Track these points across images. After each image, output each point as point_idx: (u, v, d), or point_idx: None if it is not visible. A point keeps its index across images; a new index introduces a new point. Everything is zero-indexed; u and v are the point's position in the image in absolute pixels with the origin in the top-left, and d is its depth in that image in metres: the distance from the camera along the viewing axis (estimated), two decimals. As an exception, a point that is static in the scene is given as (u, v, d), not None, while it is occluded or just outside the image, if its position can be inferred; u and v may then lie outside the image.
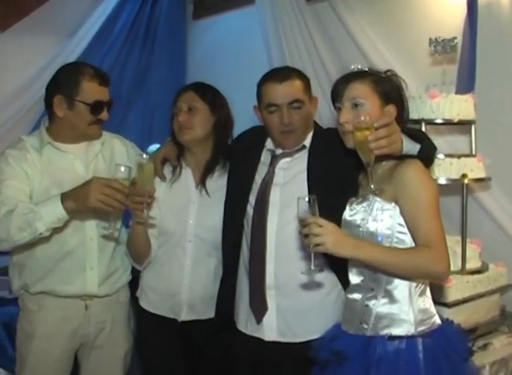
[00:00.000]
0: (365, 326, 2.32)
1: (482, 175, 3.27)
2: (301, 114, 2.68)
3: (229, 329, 2.86)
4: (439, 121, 3.19)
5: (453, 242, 3.22)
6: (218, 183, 2.97)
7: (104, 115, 2.93)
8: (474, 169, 3.20)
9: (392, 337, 2.26)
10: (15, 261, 3.02)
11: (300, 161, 2.74)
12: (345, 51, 4.08)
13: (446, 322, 2.42)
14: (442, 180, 3.16)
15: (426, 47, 3.34)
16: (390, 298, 2.29)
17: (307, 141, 2.74)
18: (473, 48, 3.38)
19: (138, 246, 2.94)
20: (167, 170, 3.05)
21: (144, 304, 3.09)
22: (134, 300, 3.17)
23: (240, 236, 2.82)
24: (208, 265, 2.97)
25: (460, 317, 2.96)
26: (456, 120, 3.20)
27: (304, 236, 2.15)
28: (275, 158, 2.78)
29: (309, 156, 2.71)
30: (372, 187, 2.28)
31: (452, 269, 2.89)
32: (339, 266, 2.49)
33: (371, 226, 2.28)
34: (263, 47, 4.85)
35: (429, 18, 3.62)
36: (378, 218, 2.27)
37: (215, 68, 5.21)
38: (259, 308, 2.71)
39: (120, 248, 3.08)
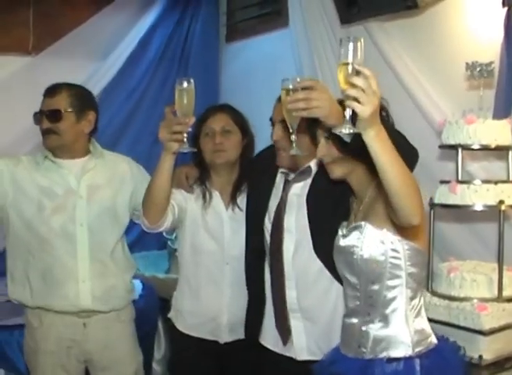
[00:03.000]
0: (364, 350, 2.35)
1: (519, 201, 3.23)
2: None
3: (258, 348, 2.88)
4: (475, 147, 3.17)
5: (489, 269, 3.19)
6: (244, 202, 3.03)
7: (43, 124, 3.04)
8: (511, 195, 3.17)
9: (390, 360, 2.29)
10: (9, 270, 3.14)
11: None
12: (379, 75, 4.05)
13: (441, 340, 2.45)
14: (479, 206, 3.13)
15: (463, 71, 3.33)
16: (386, 321, 2.32)
17: (313, 164, 2.72)
18: (510, 73, 3.35)
19: (159, 191, 2.77)
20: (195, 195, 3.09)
21: (180, 327, 3.12)
22: (165, 320, 3.21)
23: (261, 261, 2.85)
24: None
25: (497, 346, 2.94)
26: (493, 146, 3.18)
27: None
28: (287, 184, 2.79)
29: (312, 181, 2.72)
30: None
31: (488, 296, 3.03)
32: None
33: (365, 253, 2.30)
34: (295, 70, 4.83)
35: (466, 42, 3.61)
36: (372, 245, 2.29)
37: (247, 91, 5.25)
38: (283, 331, 2.76)
39: (119, 266, 3.17)
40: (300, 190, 2.76)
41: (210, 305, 3.05)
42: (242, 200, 3.05)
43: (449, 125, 3.22)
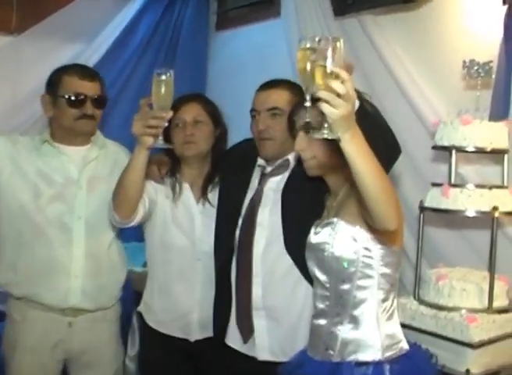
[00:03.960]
0: (331, 353, 2.29)
1: (515, 208, 3.09)
2: (280, 123, 2.65)
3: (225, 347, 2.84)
4: (470, 149, 3.03)
5: (480, 278, 3.07)
6: (216, 197, 2.96)
7: (87, 109, 2.93)
8: (505, 201, 3.04)
9: (359, 363, 2.23)
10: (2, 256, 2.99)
11: None
12: (371, 69, 3.93)
13: (413, 346, 2.40)
14: (471, 212, 3.00)
15: (459, 70, 3.21)
16: (356, 323, 2.27)
17: (292, 157, 2.70)
18: (509, 73, 3.22)
19: (131, 186, 2.67)
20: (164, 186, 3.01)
21: (151, 322, 3.04)
22: (140, 315, 3.14)
23: (230, 256, 2.79)
24: None
25: (485, 359, 2.82)
26: (488, 149, 3.05)
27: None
28: (264, 177, 2.76)
29: (289, 176, 2.69)
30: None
31: (478, 306, 2.91)
32: None
33: (336, 250, 2.26)
34: (287, 61, 4.64)
35: (463, 40, 3.47)
36: (343, 242, 2.25)
37: (236, 81, 5.11)
38: (245, 329, 2.74)
39: (112, 265, 3.10)
40: (276, 184, 2.73)
41: (181, 302, 2.97)
42: (214, 195, 2.97)
43: (444, 125, 3.09)
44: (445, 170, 3.19)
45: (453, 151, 3.06)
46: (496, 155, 3.20)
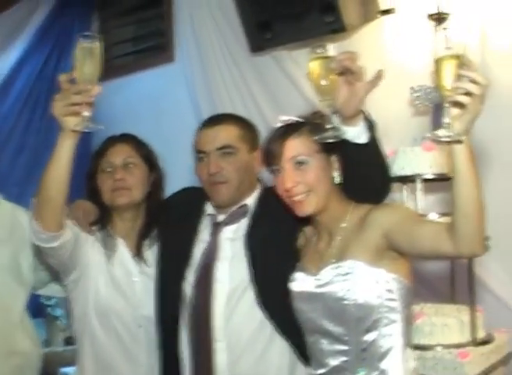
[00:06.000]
0: None
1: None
2: (234, 163, 2.36)
3: None
4: (436, 177, 2.87)
5: (453, 311, 2.94)
6: (155, 252, 2.60)
7: None
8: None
9: None
10: None
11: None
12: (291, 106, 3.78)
13: None
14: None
15: (408, 96, 3.10)
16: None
17: (251, 202, 2.42)
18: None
19: (55, 182, 2.21)
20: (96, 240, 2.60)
21: None
22: None
23: (177, 320, 2.43)
24: None
25: (482, 393, 2.70)
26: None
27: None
28: (217, 227, 2.43)
29: (250, 222, 2.39)
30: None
31: (462, 341, 2.76)
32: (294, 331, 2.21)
33: (360, 297, 2.00)
34: (187, 105, 4.57)
35: (408, 64, 3.37)
36: (366, 286, 2.00)
37: (129, 130, 4.75)
38: None
39: (30, 338, 2.74)
40: (233, 233, 2.41)
41: None
42: (151, 255, 2.60)
43: (403, 153, 2.91)
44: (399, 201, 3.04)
45: (418, 181, 2.89)
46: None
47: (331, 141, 1.91)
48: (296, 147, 2.06)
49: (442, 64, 1.65)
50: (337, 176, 2.06)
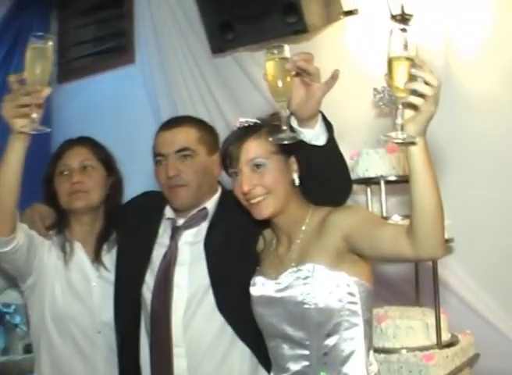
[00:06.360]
0: None
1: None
2: (193, 166, 2.33)
3: None
4: (400, 179, 2.87)
5: (418, 314, 2.96)
6: (113, 259, 2.55)
7: None
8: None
9: None
10: None
11: None
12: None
13: None
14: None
15: (371, 98, 3.08)
16: None
17: (210, 205, 2.38)
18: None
19: (5, 186, 2.15)
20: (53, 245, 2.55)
21: None
22: None
23: (137, 326, 2.40)
24: None
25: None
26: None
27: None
28: (176, 231, 2.39)
29: (209, 226, 2.36)
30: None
31: (427, 343, 2.77)
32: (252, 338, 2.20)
33: (321, 301, 1.95)
34: (147, 107, 4.52)
35: (363, 65, 3.41)
36: (327, 290, 1.96)
37: (89, 133, 4.66)
38: None
39: None
40: (193, 237, 2.37)
41: None
42: (110, 259, 2.55)
43: (366, 155, 2.90)
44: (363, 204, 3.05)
45: (382, 182, 2.88)
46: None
47: (287, 142, 1.85)
48: (253, 149, 2.02)
49: (395, 64, 1.61)
50: (296, 178, 2.02)
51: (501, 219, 3.20)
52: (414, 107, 1.60)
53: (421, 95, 1.57)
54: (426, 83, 1.56)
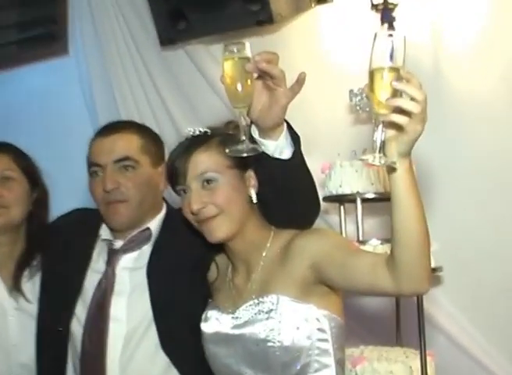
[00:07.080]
0: None
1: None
2: (134, 178, 2.35)
3: None
4: (379, 197, 2.90)
5: (399, 355, 3.03)
6: (36, 287, 2.55)
7: None
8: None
9: None
10: None
11: None
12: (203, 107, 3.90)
13: None
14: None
15: (346, 101, 3.11)
16: None
17: (154, 225, 2.41)
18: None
19: None
20: None
21: None
22: None
23: (63, 368, 2.39)
24: None
25: None
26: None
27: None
28: (114, 255, 2.41)
29: (153, 249, 2.38)
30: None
31: None
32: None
33: (286, 338, 1.96)
34: (81, 103, 4.58)
35: (335, 62, 3.46)
36: (293, 325, 1.98)
37: (10, 135, 4.64)
38: None
39: None
40: (133, 262, 2.39)
41: None
42: (32, 288, 2.55)
43: (341, 168, 2.94)
44: (335, 224, 3.12)
45: (359, 200, 2.91)
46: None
47: (246, 155, 1.85)
48: (202, 162, 2.03)
49: (378, 76, 1.57)
50: (253, 195, 2.03)
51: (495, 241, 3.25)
52: (397, 126, 1.57)
53: (406, 112, 1.54)
54: (412, 98, 1.54)
